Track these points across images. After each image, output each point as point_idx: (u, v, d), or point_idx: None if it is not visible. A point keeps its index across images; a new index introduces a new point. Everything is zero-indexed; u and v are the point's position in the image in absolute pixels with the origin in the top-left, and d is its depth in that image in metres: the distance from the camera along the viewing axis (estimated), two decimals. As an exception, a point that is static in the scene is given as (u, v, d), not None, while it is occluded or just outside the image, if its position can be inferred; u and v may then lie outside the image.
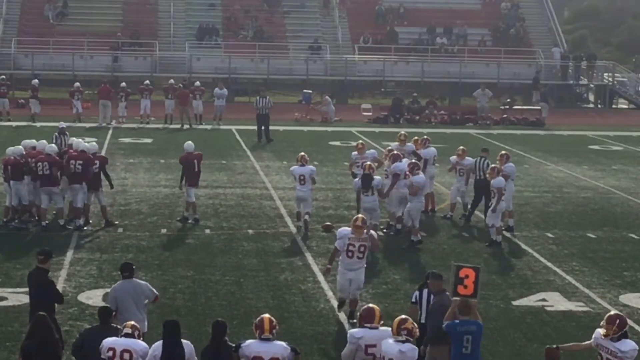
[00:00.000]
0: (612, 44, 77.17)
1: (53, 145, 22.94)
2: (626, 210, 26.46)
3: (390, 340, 11.27)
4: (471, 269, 13.03)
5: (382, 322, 11.81)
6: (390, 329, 11.61)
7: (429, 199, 24.75)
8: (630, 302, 18.18)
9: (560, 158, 35.95)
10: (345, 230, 16.19)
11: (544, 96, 48.88)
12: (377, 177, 21.50)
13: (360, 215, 16.56)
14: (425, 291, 13.62)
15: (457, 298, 12.81)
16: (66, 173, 22.32)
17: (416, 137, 25.63)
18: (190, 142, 24.49)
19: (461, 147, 25.09)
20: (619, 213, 26.19)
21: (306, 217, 22.96)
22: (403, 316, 11.54)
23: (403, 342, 11.23)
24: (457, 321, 12.34)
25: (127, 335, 11.23)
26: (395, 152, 23.29)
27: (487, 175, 22.63)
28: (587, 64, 56.02)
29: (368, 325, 11.68)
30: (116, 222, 23.03)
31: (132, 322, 11.49)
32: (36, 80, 44.11)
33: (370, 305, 11.99)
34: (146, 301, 13.47)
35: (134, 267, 13.68)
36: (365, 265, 16.45)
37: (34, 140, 23.67)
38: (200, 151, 24.65)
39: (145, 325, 13.36)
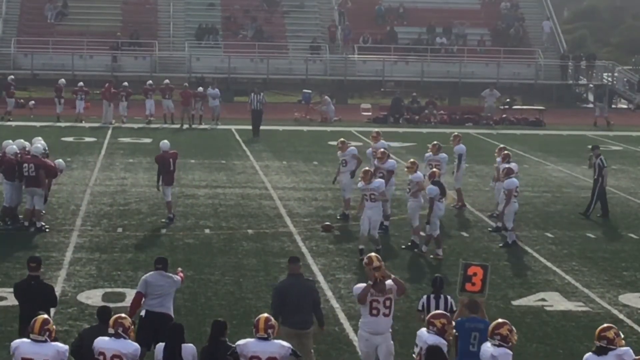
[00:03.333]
0: (611, 44, 77.12)
1: (39, 145, 22.80)
2: (626, 210, 26.46)
3: (488, 344, 11.19)
4: (479, 266, 13.04)
5: None
6: None
7: (460, 194, 25.65)
8: (629, 302, 18.18)
9: (560, 158, 35.95)
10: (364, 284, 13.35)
11: (600, 96, 48.96)
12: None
13: (373, 255, 13.61)
14: (432, 297, 13.52)
15: (464, 297, 12.83)
16: (20, 176, 22.12)
17: (435, 142, 25.52)
18: (165, 140, 24.57)
19: (501, 145, 25.28)
20: (619, 213, 26.17)
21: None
22: (500, 320, 11.35)
23: (497, 346, 11.07)
24: (465, 318, 12.36)
25: (113, 335, 11.05)
26: (383, 150, 23.44)
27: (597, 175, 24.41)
28: (587, 64, 56.05)
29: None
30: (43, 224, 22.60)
31: (115, 318, 11.24)
32: (63, 80, 44.08)
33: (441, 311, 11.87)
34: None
35: (167, 261, 14.01)
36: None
37: (10, 141, 23.55)
38: (175, 150, 24.74)
39: (172, 310, 13.84)
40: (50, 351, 10.75)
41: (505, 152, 24.38)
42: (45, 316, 11.04)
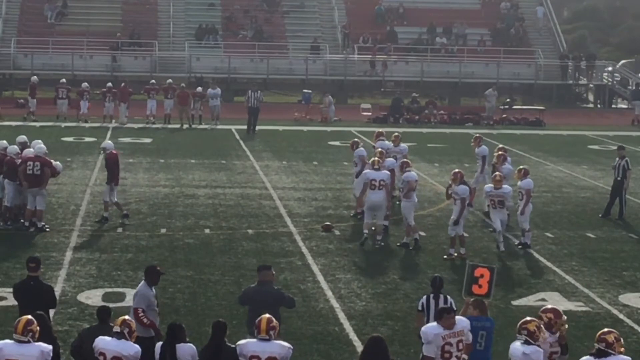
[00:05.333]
0: (611, 44, 77.14)
1: (42, 145, 22.79)
2: (626, 210, 26.41)
3: (517, 343, 11.11)
4: (486, 268, 13.04)
5: None
6: None
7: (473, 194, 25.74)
8: (629, 301, 18.17)
9: (560, 158, 35.95)
10: (434, 328, 11.77)
11: (637, 94, 49.08)
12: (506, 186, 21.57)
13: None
14: (432, 297, 13.48)
15: (470, 298, 12.85)
16: (22, 176, 21.99)
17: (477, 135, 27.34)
18: (109, 141, 24.45)
19: (500, 146, 25.50)
20: (619, 213, 26.12)
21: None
22: (528, 318, 11.31)
23: (525, 342, 11.03)
24: (472, 317, 12.38)
25: (117, 335, 11.03)
26: (380, 150, 23.47)
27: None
28: (587, 64, 56.06)
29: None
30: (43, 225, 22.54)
31: (123, 318, 11.25)
32: (63, 80, 44.07)
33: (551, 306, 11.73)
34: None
35: (160, 273, 13.43)
36: None
37: (4, 141, 23.42)
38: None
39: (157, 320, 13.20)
40: (34, 352, 10.70)
41: (500, 152, 24.42)
42: (29, 317, 10.96)
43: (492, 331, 12.47)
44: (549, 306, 11.82)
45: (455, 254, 20.69)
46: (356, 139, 26.15)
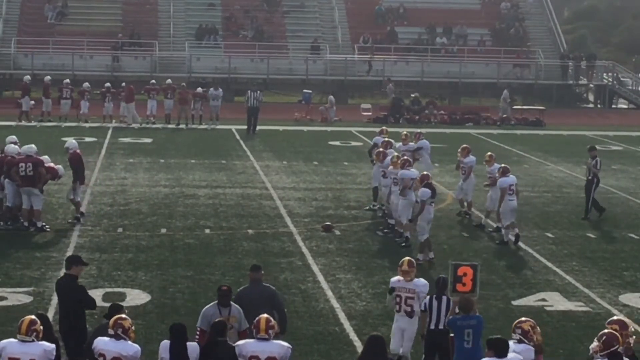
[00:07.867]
0: (612, 44, 77.16)
1: (32, 145, 22.77)
2: (626, 210, 26.44)
3: (510, 342, 11.08)
4: (469, 266, 13.12)
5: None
6: None
7: None
8: (630, 302, 18.18)
9: (560, 158, 35.95)
10: None
11: None
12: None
13: None
14: (435, 298, 13.51)
15: (455, 297, 12.88)
16: (14, 177, 21.95)
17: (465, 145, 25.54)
18: (72, 140, 24.35)
19: (464, 145, 25.33)
20: (619, 213, 26.16)
21: None
22: (523, 318, 11.31)
23: (518, 341, 11.04)
24: (457, 316, 12.45)
25: (113, 336, 11.02)
26: (379, 150, 23.49)
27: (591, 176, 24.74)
28: (587, 64, 56.06)
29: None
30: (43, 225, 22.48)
31: (115, 318, 11.20)
32: (67, 80, 44.04)
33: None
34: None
35: (226, 294, 12.89)
36: None
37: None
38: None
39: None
40: (37, 350, 10.78)
41: (464, 146, 24.60)
42: (33, 317, 11.05)
43: (480, 328, 12.49)
44: (615, 317, 11.60)
45: (426, 259, 20.43)
46: (391, 140, 25.82)
